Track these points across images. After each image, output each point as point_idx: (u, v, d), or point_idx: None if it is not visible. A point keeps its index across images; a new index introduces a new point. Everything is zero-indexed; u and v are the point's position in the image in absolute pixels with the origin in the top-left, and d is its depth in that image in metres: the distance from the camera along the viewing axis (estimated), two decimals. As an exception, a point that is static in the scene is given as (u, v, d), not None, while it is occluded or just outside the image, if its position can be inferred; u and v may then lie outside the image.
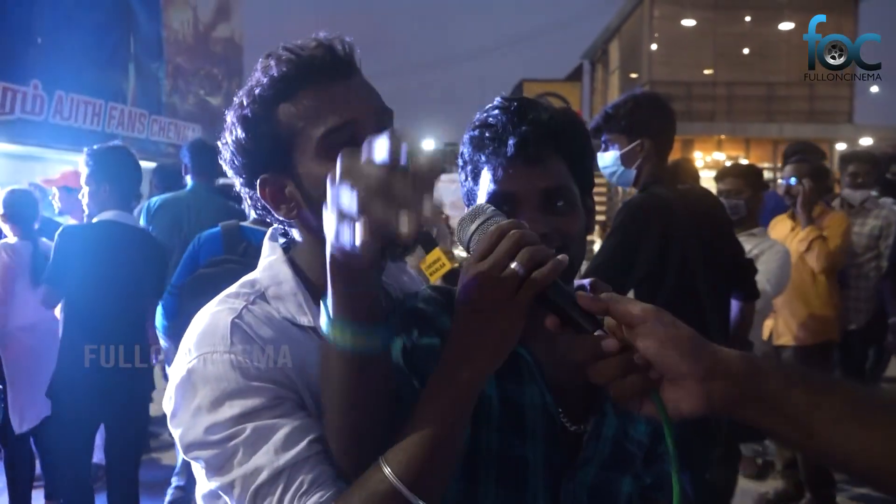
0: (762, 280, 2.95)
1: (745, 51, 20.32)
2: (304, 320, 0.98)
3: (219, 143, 1.03)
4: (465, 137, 1.05)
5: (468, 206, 1.04)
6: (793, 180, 3.78)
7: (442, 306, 1.01)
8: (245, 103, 0.98)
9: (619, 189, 19.34)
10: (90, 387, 2.98)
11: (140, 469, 3.29)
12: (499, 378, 0.99)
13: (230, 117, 1.01)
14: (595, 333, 0.76)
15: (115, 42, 11.77)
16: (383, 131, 0.81)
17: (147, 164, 12.56)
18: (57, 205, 4.52)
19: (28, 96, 9.75)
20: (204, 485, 0.94)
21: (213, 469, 0.89)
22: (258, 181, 0.99)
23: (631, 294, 2.28)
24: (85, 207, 3.29)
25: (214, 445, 0.88)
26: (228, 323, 0.93)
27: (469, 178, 1.05)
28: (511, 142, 0.98)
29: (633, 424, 1.05)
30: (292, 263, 1.03)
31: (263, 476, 0.85)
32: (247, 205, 1.05)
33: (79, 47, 10.58)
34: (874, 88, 21.94)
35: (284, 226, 1.04)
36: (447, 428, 0.82)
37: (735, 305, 2.64)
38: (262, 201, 1.00)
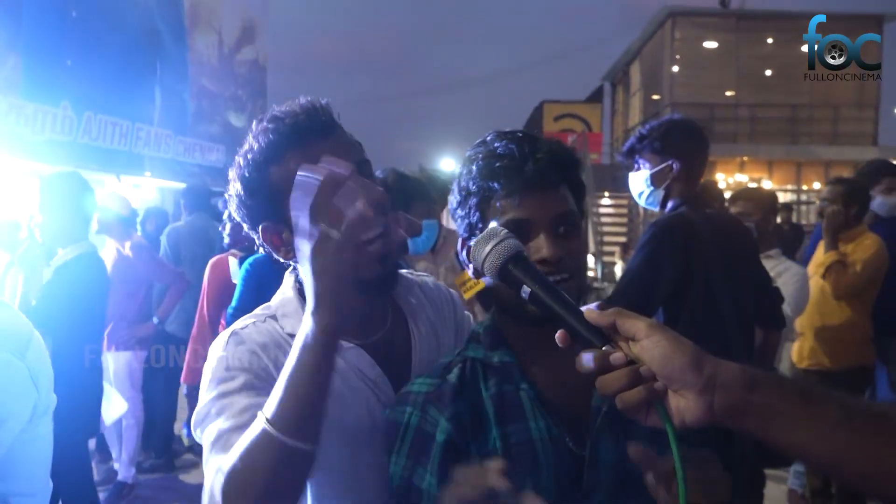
0: (785, 306, 2.92)
1: (768, 72, 20.24)
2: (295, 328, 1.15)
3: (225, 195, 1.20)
4: (470, 168, 1.08)
5: (467, 239, 1.09)
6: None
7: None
8: (242, 165, 1.14)
9: (641, 211, 19.27)
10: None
11: (164, 489, 3.31)
12: (500, 425, 1.03)
13: (231, 174, 1.17)
14: (603, 348, 0.79)
15: (142, 64, 12.00)
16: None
17: (174, 185, 12.77)
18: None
19: (58, 117, 9.96)
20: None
21: (200, 433, 1.08)
22: (259, 228, 1.15)
23: (660, 314, 2.28)
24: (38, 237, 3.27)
25: (202, 417, 1.08)
26: (229, 333, 1.16)
27: (474, 210, 1.07)
28: (529, 169, 1.02)
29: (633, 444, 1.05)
30: (300, 290, 1.21)
31: (213, 437, 1.02)
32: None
33: (107, 69, 10.81)
34: (899, 110, 21.74)
35: (287, 263, 1.22)
36: (311, 379, 0.91)
37: (759, 333, 2.61)
38: (265, 245, 1.17)
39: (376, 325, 1.24)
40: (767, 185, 19.31)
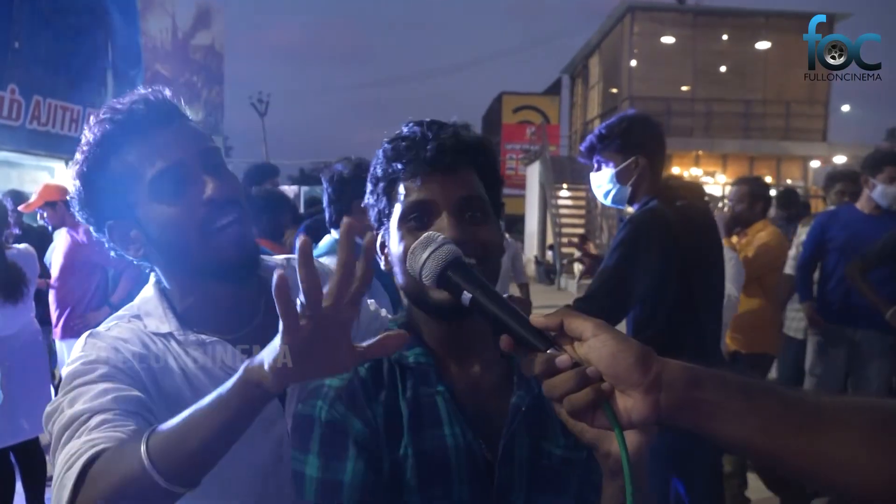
0: (728, 285, 3.04)
1: (723, 68, 20.62)
2: (164, 328, 1.13)
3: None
4: (378, 154, 1.06)
5: (378, 229, 1.06)
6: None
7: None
8: (80, 161, 1.10)
9: (600, 203, 19.51)
10: None
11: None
12: (413, 431, 0.99)
13: (71, 173, 1.13)
14: (548, 351, 0.77)
15: (93, 47, 11.64)
16: (212, 170, 1.06)
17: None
18: (45, 223, 4.60)
19: (5, 101, 9.61)
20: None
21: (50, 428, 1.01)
22: (105, 228, 1.11)
23: (638, 309, 2.32)
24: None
25: (53, 410, 1.00)
26: (86, 335, 1.10)
27: (382, 196, 1.05)
28: (429, 149, 1.00)
29: (547, 441, 1.04)
30: (161, 290, 1.17)
31: (65, 422, 0.95)
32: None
33: (56, 52, 10.46)
34: (846, 108, 22.40)
35: (139, 261, 1.16)
36: (224, 432, 0.85)
37: None
38: (112, 245, 1.12)
39: (244, 317, 1.17)
40: (721, 178, 19.71)
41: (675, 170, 19.26)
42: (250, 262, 1.13)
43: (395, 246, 1.02)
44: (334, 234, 2.33)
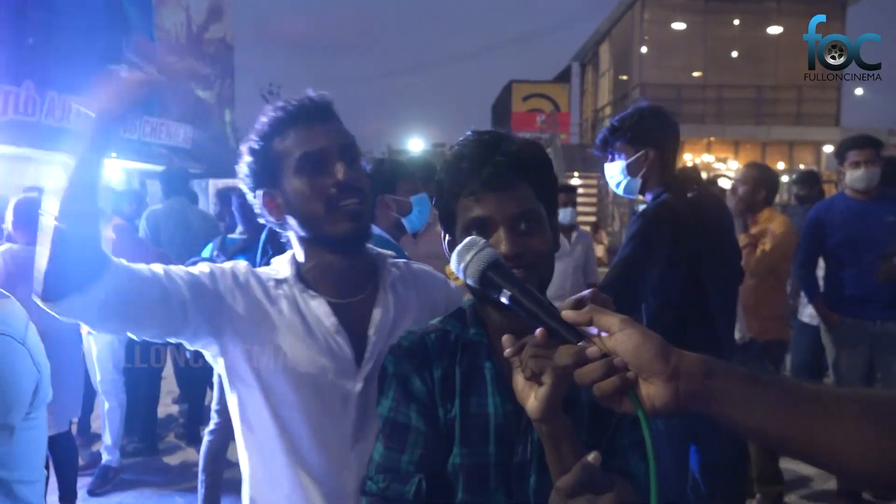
0: None
1: (734, 54, 20.51)
2: (282, 276, 1.39)
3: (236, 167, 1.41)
4: (444, 167, 1.19)
5: (446, 232, 1.20)
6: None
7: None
8: (252, 137, 1.36)
9: (610, 192, 19.49)
10: None
11: (148, 471, 3.32)
12: (463, 396, 1.15)
13: (244, 148, 1.38)
14: (578, 344, 0.87)
15: (108, 43, 11.74)
16: (347, 160, 1.31)
17: (140, 166, 12.54)
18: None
19: (21, 97, 9.72)
20: None
21: None
22: (259, 193, 1.37)
23: (651, 300, 2.37)
24: None
25: None
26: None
27: (445, 206, 1.18)
28: (487, 171, 1.12)
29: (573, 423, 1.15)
30: (293, 257, 1.42)
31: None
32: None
33: (71, 48, 10.56)
34: (859, 91, 22.23)
35: (278, 227, 1.41)
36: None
37: None
38: (262, 208, 1.37)
39: (349, 289, 1.38)
40: (734, 164, 19.63)
41: (687, 156, 19.22)
42: (360, 239, 1.36)
43: None
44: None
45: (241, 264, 1.40)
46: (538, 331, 0.92)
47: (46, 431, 2.07)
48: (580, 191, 20.60)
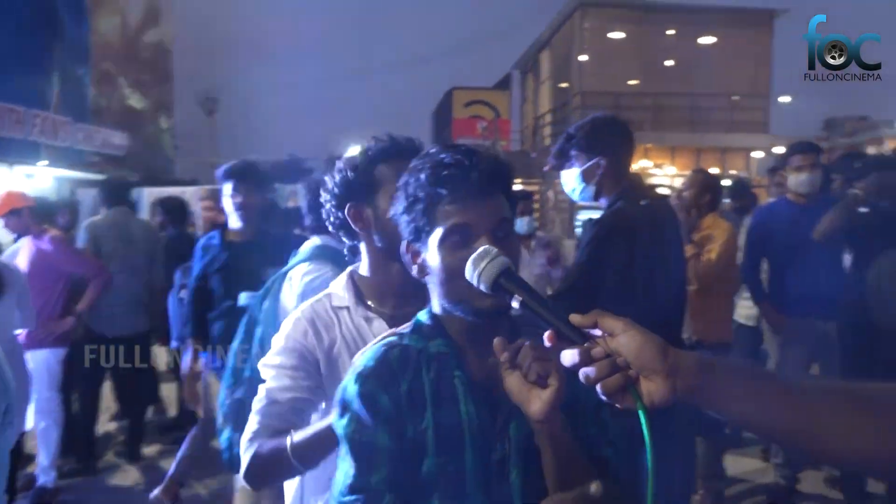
0: None
1: (670, 63, 21.09)
2: (341, 303, 1.61)
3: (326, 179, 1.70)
4: (417, 176, 1.18)
5: (413, 242, 1.20)
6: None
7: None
8: (355, 164, 1.63)
9: (552, 195, 19.75)
10: None
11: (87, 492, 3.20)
12: (434, 408, 1.16)
13: (342, 164, 1.65)
14: (584, 344, 0.94)
15: (39, 48, 11.33)
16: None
17: (72, 174, 12.12)
18: (9, 236, 4.49)
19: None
20: None
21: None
22: (347, 206, 1.59)
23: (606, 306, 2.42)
24: None
25: (267, 358, 1.62)
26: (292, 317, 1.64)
27: (421, 214, 1.18)
28: (473, 177, 1.14)
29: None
30: (351, 274, 1.66)
31: (261, 396, 1.57)
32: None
33: (1, 52, 10.16)
34: (786, 99, 23.11)
35: (355, 241, 1.65)
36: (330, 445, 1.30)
37: None
38: (350, 219, 1.58)
39: (408, 299, 1.51)
40: (671, 170, 20.17)
41: (626, 163, 19.62)
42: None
43: (436, 261, 1.17)
44: (316, 240, 2.39)
45: (301, 308, 1.63)
46: (547, 333, 0.98)
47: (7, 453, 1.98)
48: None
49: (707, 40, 20.78)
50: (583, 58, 20.86)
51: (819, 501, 3.99)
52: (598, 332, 0.96)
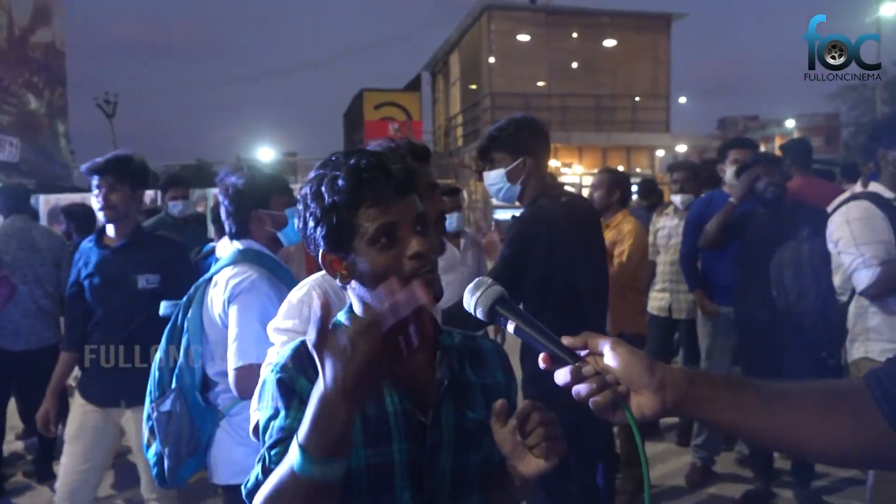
0: None
1: (575, 65, 21.72)
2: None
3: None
4: (335, 184, 1.16)
5: (332, 252, 1.19)
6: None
7: (297, 370, 1.18)
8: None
9: (466, 196, 19.95)
10: None
11: None
12: None
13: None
14: (576, 364, 0.98)
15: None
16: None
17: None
18: None
19: None
20: None
21: None
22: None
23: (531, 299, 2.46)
24: None
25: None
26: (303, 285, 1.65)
27: (337, 220, 1.17)
28: (392, 179, 1.17)
29: (469, 410, 1.26)
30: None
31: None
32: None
33: None
34: (682, 100, 24.25)
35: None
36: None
37: None
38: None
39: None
40: (579, 169, 20.78)
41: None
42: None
43: (366, 263, 1.17)
44: (237, 245, 2.35)
45: (310, 280, 1.63)
46: (541, 356, 1.02)
47: None
48: (437, 197, 20.93)
49: (609, 43, 21.53)
50: (491, 59, 21.19)
51: (732, 480, 4.20)
52: (587, 352, 0.99)
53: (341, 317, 1.27)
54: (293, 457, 0.98)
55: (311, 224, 1.20)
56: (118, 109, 27.85)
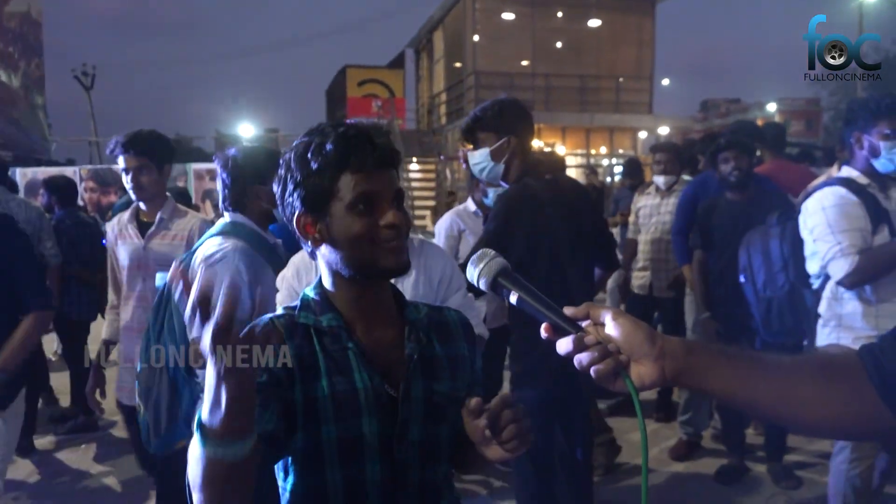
0: None
1: (559, 45, 21.66)
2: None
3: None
4: (322, 149, 1.19)
5: (308, 213, 1.22)
6: None
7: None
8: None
9: (449, 174, 19.93)
10: None
11: None
12: (329, 377, 1.21)
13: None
14: (578, 334, 0.99)
15: None
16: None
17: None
18: None
19: None
20: None
21: None
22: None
23: None
24: None
25: None
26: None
27: (319, 186, 1.20)
28: (378, 149, 1.21)
29: (437, 382, 1.28)
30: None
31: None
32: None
33: None
34: (665, 81, 24.32)
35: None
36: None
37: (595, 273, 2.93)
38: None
39: None
40: (562, 150, 20.79)
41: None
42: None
43: (341, 227, 1.21)
44: (227, 217, 2.36)
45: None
46: (543, 326, 1.03)
47: None
48: (418, 175, 20.93)
49: (594, 23, 21.48)
50: (475, 38, 21.07)
51: (707, 455, 4.30)
52: (588, 322, 1.01)
53: (309, 291, 1.30)
54: (195, 439, 0.97)
55: (290, 187, 1.23)
56: (96, 82, 27.36)
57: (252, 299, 1.52)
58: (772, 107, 34.76)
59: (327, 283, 1.28)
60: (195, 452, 0.97)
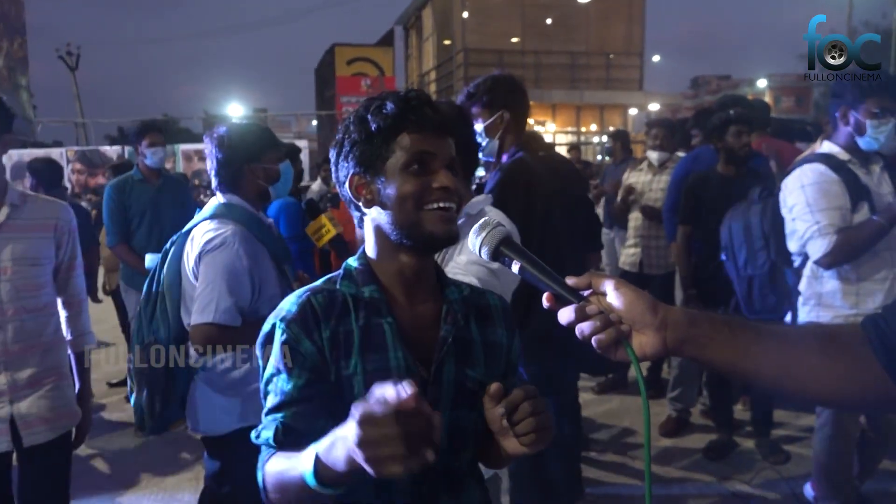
0: None
1: (549, 21, 21.51)
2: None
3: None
4: (384, 108, 1.20)
5: (364, 173, 1.22)
6: None
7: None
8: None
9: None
10: None
11: None
12: (362, 353, 1.19)
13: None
14: (580, 303, 0.99)
15: None
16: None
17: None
18: None
19: None
20: None
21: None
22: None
23: None
24: None
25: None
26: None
27: (380, 144, 1.20)
28: (437, 113, 1.22)
29: (470, 367, 1.26)
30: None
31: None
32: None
33: None
34: (656, 58, 24.23)
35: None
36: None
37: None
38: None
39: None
40: (552, 127, 20.76)
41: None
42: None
43: (394, 186, 1.19)
44: (220, 198, 2.33)
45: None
46: (545, 295, 1.02)
47: None
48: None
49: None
50: (465, 15, 20.90)
51: (697, 430, 4.34)
52: (590, 292, 1.00)
53: (353, 261, 1.29)
54: (306, 465, 1.01)
55: (346, 148, 1.24)
56: (81, 62, 26.99)
57: (252, 284, 1.50)
58: (762, 83, 34.72)
59: (371, 251, 1.26)
60: (292, 475, 1.05)
